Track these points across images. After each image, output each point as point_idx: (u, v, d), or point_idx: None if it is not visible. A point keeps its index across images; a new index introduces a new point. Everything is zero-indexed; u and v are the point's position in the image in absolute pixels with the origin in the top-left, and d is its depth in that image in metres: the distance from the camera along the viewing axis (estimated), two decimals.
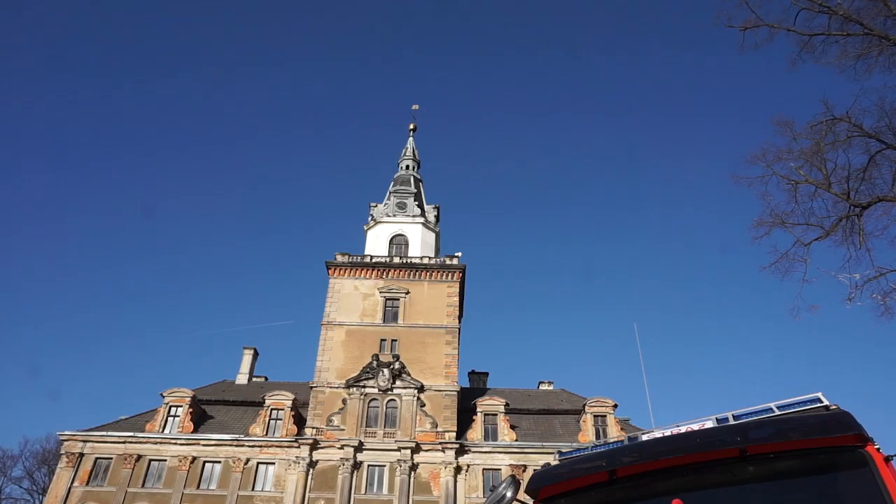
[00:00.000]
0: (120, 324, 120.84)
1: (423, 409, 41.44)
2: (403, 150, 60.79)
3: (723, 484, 4.27)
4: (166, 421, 41.46)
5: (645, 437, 4.84)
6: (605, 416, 41.32)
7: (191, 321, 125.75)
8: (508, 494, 4.77)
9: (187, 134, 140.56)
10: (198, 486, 38.92)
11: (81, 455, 39.68)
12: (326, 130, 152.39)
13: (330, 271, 47.32)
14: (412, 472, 39.01)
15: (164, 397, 42.49)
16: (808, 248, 17.23)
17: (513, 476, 4.99)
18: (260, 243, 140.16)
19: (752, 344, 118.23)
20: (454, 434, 40.39)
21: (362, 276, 47.12)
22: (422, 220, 52.83)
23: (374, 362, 42.60)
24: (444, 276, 47.09)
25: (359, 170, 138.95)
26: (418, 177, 58.14)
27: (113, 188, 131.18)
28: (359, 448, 39.61)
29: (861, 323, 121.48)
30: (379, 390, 41.77)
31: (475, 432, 41.01)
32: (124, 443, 40.07)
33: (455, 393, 42.29)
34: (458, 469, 39.19)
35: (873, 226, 17.03)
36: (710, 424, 4.65)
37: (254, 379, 50.43)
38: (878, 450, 4.03)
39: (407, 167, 58.69)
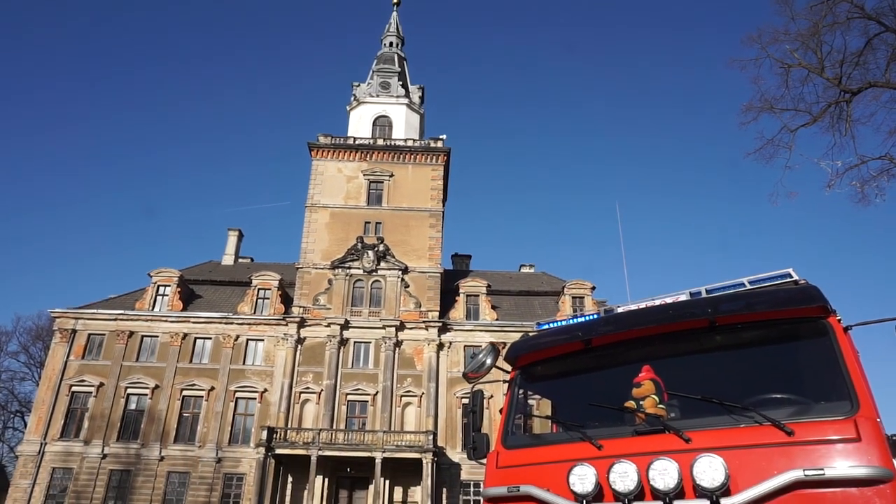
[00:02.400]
0: (104, 203, 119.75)
1: (408, 289, 42.58)
2: (387, 26, 57.87)
3: (691, 352, 4.52)
4: (155, 300, 42.32)
5: (620, 310, 5.05)
6: (584, 297, 42.83)
7: (174, 204, 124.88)
8: (488, 362, 5.03)
9: (169, 20, 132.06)
10: (190, 361, 40.53)
11: (74, 331, 40.77)
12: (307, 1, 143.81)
13: (313, 153, 46.62)
14: (396, 349, 40.77)
15: (151, 277, 43.09)
16: (794, 134, 17.23)
17: (492, 344, 5.24)
18: (242, 123, 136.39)
19: (731, 231, 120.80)
20: (437, 314, 41.85)
21: (345, 158, 46.54)
22: (406, 100, 51.43)
23: (359, 244, 43.12)
24: (429, 159, 46.67)
25: (343, 46, 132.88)
26: (402, 55, 55.83)
27: (98, 79, 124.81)
28: (345, 326, 41.03)
29: (838, 209, 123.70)
30: (364, 271, 42.62)
31: (458, 312, 42.50)
32: (115, 320, 41.09)
33: (438, 275, 43.32)
34: (440, 346, 41.00)
35: (861, 112, 16.99)
36: (683, 298, 4.84)
37: (239, 260, 51.05)
38: (839, 321, 4.25)
39: (391, 44, 56.16)
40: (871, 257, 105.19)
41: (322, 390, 39.33)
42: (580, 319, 5.24)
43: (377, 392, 39.44)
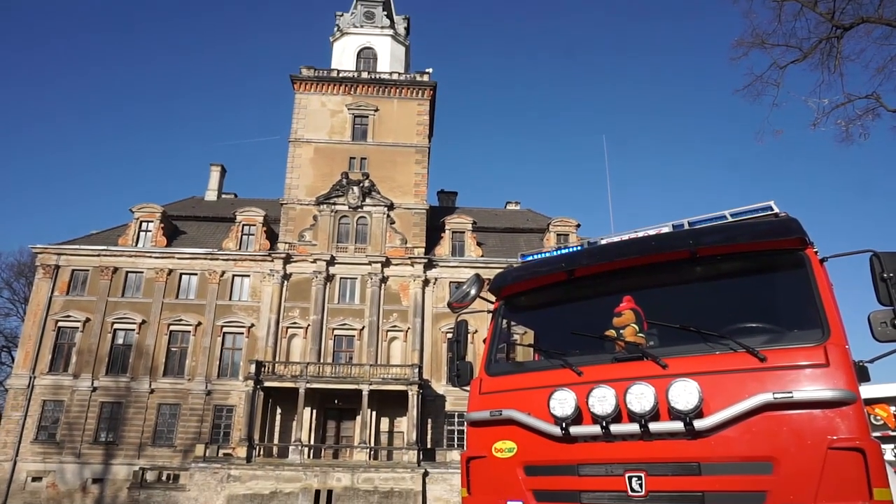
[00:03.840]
0: (84, 137, 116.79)
1: (393, 226, 42.55)
2: None
3: (672, 283, 4.61)
4: (138, 236, 41.97)
5: (604, 242, 5.10)
6: (568, 234, 43.09)
7: (155, 138, 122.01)
8: (472, 292, 5.10)
9: None
10: (176, 296, 40.63)
11: (57, 267, 40.52)
12: None
13: (295, 86, 45.46)
14: (382, 285, 41.11)
15: (133, 213, 42.57)
16: (783, 71, 17.08)
17: (477, 275, 5.28)
18: (224, 55, 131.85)
19: (717, 168, 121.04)
20: (423, 250, 42.02)
21: (329, 91, 45.48)
22: (391, 31, 49.87)
23: (344, 180, 42.72)
24: (414, 94, 45.76)
25: None
26: None
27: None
28: (331, 262, 41.14)
29: (821, 148, 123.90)
30: (349, 207, 42.42)
31: (443, 248, 42.71)
32: (99, 256, 40.82)
33: (424, 211, 43.25)
34: (426, 282, 41.38)
35: (851, 49, 16.83)
36: (666, 230, 4.89)
37: (223, 196, 50.49)
38: (815, 252, 4.34)
39: None
40: (849, 194, 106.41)
41: (309, 325, 39.80)
42: (564, 251, 5.30)
43: (363, 327, 40.00)
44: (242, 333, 40.08)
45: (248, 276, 41.34)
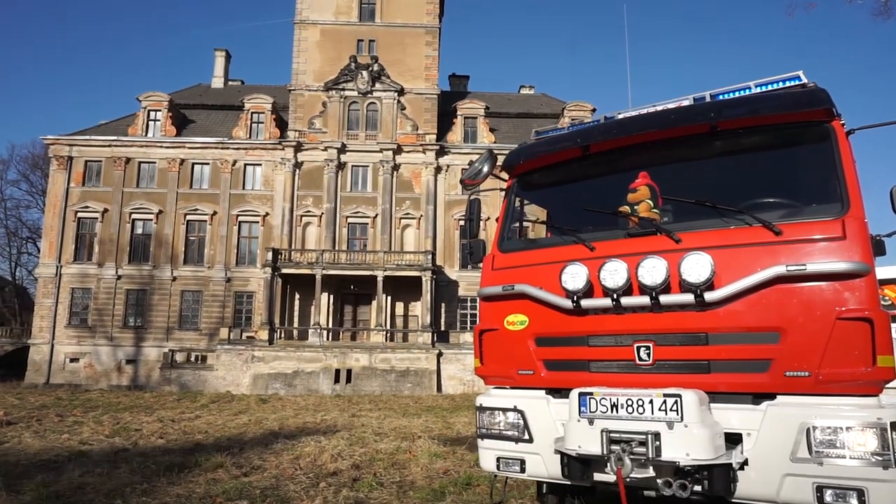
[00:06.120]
0: (83, 26, 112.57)
1: (404, 112, 41.62)
2: None
3: (690, 158, 4.48)
4: (147, 125, 41.54)
5: (621, 117, 4.91)
6: (583, 119, 42.00)
7: (155, 24, 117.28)
8: (485, 169, 4.99)
9: None
10: (190, 186, 40.84)
11: (70, 158, 40.57)
12: None
13: None
14: (394, 172, 40.89)
15: (140, 102, 41.87)
16: None
17: (490, 151, 5.15)
18: None
19: (744, 44, 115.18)
20: (434, 136, 41.35)
21: None
22: None
23: (353, 64, 41.34)
24: None
25: None
26: None
27: None
28: (342, 150, 40.74)
29: (853, 21, 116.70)
30: (358, 93, 41.35)
31: (455, 135, 41.98)
32: (110, 146, 40.68)
33: (435, 96, 42.10)
34: (438, 169, 41.07)
35: None
36: (687, 104, 4.68)
37: (230, 83, 49.29)
38: (842, 125, 4.16)
39: None
40: (882, 71, 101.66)
41: (322, 213, 40.14)
42: (579, 127, 5.13)
43: (377, 215, 40.28)
44: (258, 222, 40.59)
45: (260, 164, 41.22)
